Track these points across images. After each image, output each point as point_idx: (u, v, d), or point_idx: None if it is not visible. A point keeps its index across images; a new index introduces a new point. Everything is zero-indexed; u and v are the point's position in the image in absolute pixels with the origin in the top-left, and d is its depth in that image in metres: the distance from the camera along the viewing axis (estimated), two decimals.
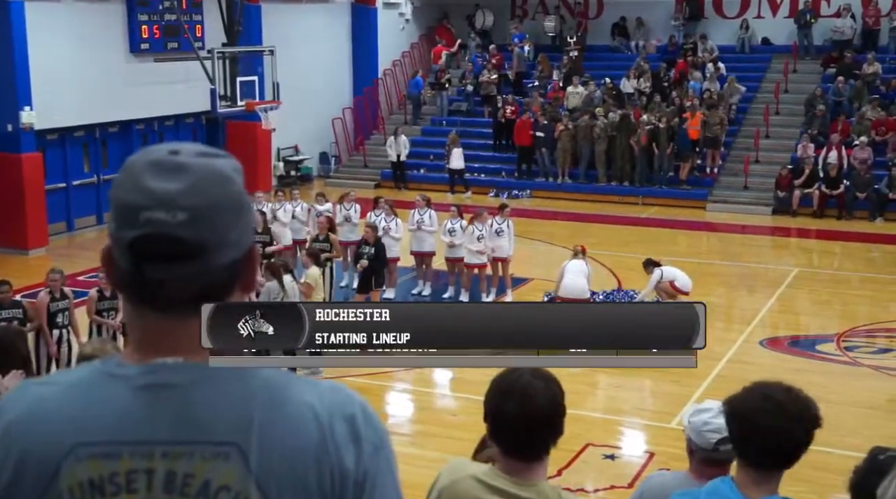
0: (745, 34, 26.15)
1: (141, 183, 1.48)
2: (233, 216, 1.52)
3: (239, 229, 1.53)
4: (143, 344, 1.54)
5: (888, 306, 15.16)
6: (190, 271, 1.49)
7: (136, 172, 1.50)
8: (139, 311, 1.53)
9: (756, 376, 11.33)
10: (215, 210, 1.49)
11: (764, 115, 23.71)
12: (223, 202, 1.51)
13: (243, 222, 1.55)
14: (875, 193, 20.68)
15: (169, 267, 1.48)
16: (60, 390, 1.53)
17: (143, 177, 1.49)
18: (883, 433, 9.70)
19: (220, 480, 1.49)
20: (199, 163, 1.51)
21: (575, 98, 24.56)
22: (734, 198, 22.21)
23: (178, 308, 1.51)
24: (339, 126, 26.30)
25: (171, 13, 20.59)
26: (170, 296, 1.50)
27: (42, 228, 18.30)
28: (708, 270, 17.24)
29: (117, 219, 1.50)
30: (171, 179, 1.48)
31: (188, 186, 1.48)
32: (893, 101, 22.54)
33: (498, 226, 14.70)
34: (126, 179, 1.51)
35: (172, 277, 1.49)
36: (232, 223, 1.52)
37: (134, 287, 1.51)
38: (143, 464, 1.48)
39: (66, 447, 1.47)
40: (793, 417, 2.84)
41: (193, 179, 1.49)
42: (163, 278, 1.49)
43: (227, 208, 1.51)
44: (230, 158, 1.56)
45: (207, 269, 1.50)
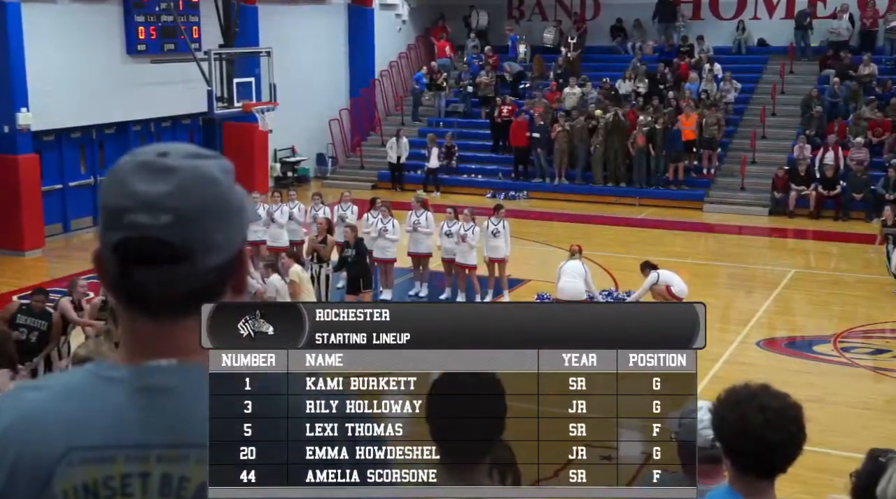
0: (742, 35, 26.19)
1: (127, 185, 1.48)
2: (219, 219, 1.50)
3: (226, 232, 1.51)
4: (136, 347, 1.53)
5: (885, 307, 15.17)
6: (176, 274, 1.47)
7: (122, 174, 1.50)
8: (130, 314, 1.52)
9: (753, 377, 11.28)
10: (201, 213, 1.47)
11: (760, 116, 23.73)
12: (209, 205, 1.49)
13: (231, 224, 1.52)
14: (872, 193, 20.70)
15: (154, 270, 1.46)
16: (53, 395, 1.51)
17: (129, 179, 1.48)
18: (880, 434, 9.71)
19: None
20: (187, 165, 1.50)
21: (571, 99, 24.58)
22: (731, 199, 22.24)
23: (167, 311, 1.50)
24: (335, 127, 26.29)
25: (168, 14, 20.58)
26: (157, 299, 1.49)
27: (38, 229, 18.28)
28: (705, 270, 17.27)
29: (103, 221, 1.50)
30: (156, 182, 1.47)
31: (173, 189, 1.47)
32: (889, 102, 22.57)
33: (494, 227, 14.61)
34: (113, 181, 1.50)
35: (159, 281, 1.47)
36: (218, 226, 1.50)
37: (123, 290, 1.50)
38: (138, 468, 1.47)
39: (59, 452, 1.46)
40: (789, 427, 2.84)
41: (179, 181, 1.47)
42: (149, 281, 1.47)
43: (213, 211, 1.49)
44: (220, 159, 1.54)
45: (194, 272, 1.48)
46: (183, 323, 1.51)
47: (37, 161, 18.43)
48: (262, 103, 19.81)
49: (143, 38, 20.45)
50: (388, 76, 27.92)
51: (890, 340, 13.44)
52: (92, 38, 19.41)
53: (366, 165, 25.83)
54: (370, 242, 14.98)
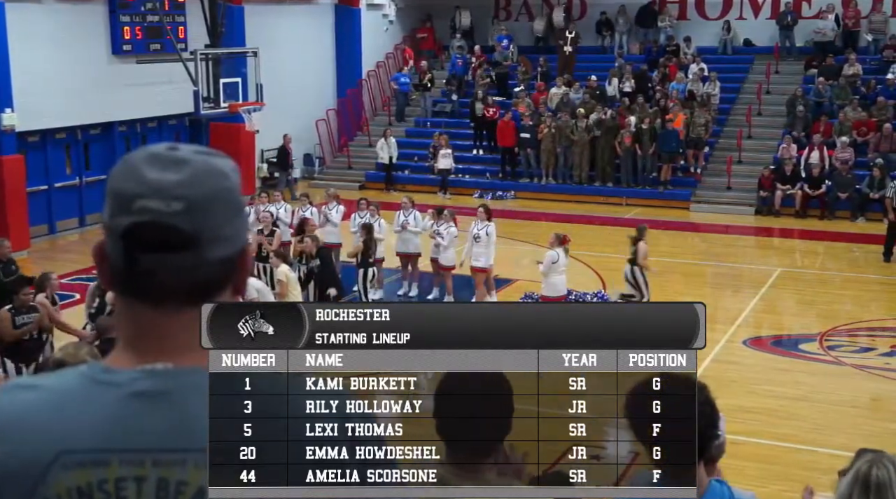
0: (728, 36, 26.29)
1: (139, 173, 1.49)
2: (228, 212, 1.52)
3: (233, 226, 1.53)
4: (134, 341, 1.52)
5: (870, 306, 15.26)
6: (183, 262, 1.48)
7: (135, 163, 1.51)
8: (130, 305, 1.52)
9: (740, 375, 11.30)
10: (211, 203, 1.49)
11: (746, 115, 23.82)
12: (219, 196, 1.51)
13: (238, 220, 1.55)
14: (857, 192, 20.78)
15: (162, 256, 1.47)
16: (46, 396, 1.50)
17: (141, 167, 1.49)
18: (867, 432, 9.76)
19: None
20: (198, 158, 1.52)
21: (558, 99, 24.61)
22: (717, 198, 22.31)
23: (169, 301, 1.50)
24: (323, 128, 26.25)
25: (154, 14, 20.51)
26: (162, 287, 1.49)
27: (24, 230, 18.15)
28: (691, 270, 17.32)
29: (112, 207, 1.50)
30: (168, 171, 1.49)
31: (185, 178, 1.48)
32: (874, 101, 22.68)
33: (477, 231, 14.07)
34: (123, 169, 1.51)
35: (165, 268, 1.48)
36: (227, 218, 1.52)
37: (126, 280, 1.50)
38: (133, 472, 1.46)
39: (51, 454, 1.46)
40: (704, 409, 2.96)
41: (191, 171, 1.49)
42: (155, 268, 1.48)
43: (222, 203, 1.51)
44: (227, 159, 1.57)
45: (200, 261, 1.49)
46: (183, 315, 1.51)
47: (22, 162, 18.34)
48: (248, 103, 19.75)
49: (128, 38, 20.37)
50: (376, 76, 27.89)
51: (875, 339, 13.51)
52: (77, 38, 19.32)
53: (353, 166, 25.80)
54: (357, 242, 14.93)
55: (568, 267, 13.23)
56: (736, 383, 10.98)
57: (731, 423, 6.66)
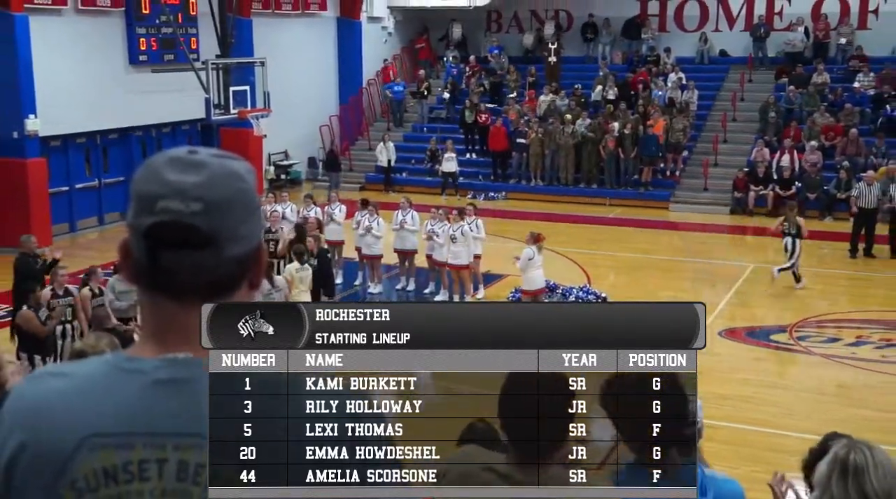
0: (705, 46, 26.29)
1: (161, 175, 1.48)
2: (244, 212, 1.50)
3: (249, 225, 1.51)
4: (157, 332, 1.51)
5: (837, 299, 15.23)
6: (201, 260, 1.47)
7: (156, 166, 1.50)
8: (153, 299, 1.51)
9: (715, 364, 11.24)
10: (228, 204, 1.48)
11: (722, 121, 23.80)
12: (236, 197, 1.50)
13: (253, 220, 1.53)
14: (825, 193, 20.83)
15: (182, 254, 1.46)
16: (75, 383, 1.50)
17: (162, 170, 1.49)
18: (833, 417, 9.70)
19: None
20: (216, 161, 1.51)
21: (545, 106, 24.56)
22: (695, 199, 22.30)
23: (189, 295, 1.49)
24: (326, 132, 26.19)
25: (168, 27, 20.46)
26: (182, 283, 1.48)
27: (46, 229, 18.12)
28: (670, 266, 17.28)
29: (135, 208, 1.49)
30: (188, 173, 1.48)
31: (203, 180, 1.47)
32: (841, 108, 22.69)
33: (453, 232, 13.92)
34: (146, 172, 1.51)
35: (185, 264, 1.47)
36: (243, 217, 1.50)
37: (149, 275, 1.49)
38: (155, 454, 1.45)
39: (78, 437, 1.45)
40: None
41: (209, 174, 1.48)
42: (176, 265, 1.47)
43: (239, 203, 1.50)
44: (244, 161, 1.57)
45: (218, 259, 1.48)
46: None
47: (44, 165, 18.37)
48: (256, 110, 19.72)
49: (144, 49, 20.34)
50: (375, 84, 27.83)
51: (842, 330, 13.45)
52: (96, 48, 19.32)
53: (354, 168, 25.73)
54: (358, 239, 14.88)
55: (544, 262, 13.15)
56: (712, 371, 10.90)
57: (707, 408, 6.60)
